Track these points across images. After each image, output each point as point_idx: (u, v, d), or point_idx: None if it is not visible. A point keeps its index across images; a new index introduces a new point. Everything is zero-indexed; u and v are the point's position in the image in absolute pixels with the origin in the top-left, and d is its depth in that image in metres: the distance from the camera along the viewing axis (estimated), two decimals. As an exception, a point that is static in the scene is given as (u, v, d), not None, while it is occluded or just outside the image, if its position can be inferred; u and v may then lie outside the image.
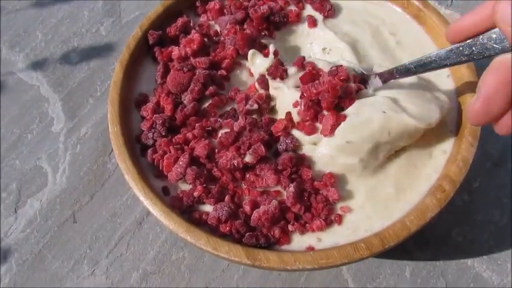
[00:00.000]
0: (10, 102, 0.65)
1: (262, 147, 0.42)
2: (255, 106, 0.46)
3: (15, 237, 0.55)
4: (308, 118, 0.44)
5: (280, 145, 0.45)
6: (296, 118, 0.45)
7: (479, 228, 0.52)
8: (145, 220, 0.55)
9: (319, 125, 0.44)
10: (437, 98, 0.44)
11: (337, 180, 0.43)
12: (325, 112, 0.44)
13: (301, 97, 0.45)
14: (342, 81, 0.42)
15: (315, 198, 0.42)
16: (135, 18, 0.72)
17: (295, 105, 0.45)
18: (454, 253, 0.51)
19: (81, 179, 0.58)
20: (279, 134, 0.45)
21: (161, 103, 0.47)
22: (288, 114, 0.46)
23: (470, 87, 0.45)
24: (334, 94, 0.42)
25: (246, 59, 0.50)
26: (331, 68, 0.44)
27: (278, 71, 0.46)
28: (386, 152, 0.43)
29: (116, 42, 0.70)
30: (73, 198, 0.57)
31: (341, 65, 0.45)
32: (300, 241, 0.40)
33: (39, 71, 0.68)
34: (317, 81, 0.43)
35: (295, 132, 0.45)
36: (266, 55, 0.49)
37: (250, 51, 0.48)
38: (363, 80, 0.45)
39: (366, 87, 0.45)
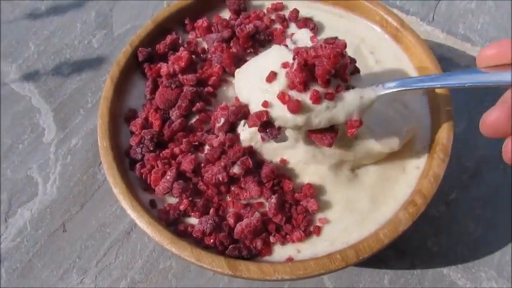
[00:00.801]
0: (2, 112, 0.67)
1: (249, 160, 0.44)
2: (222, 120, 0.47)
3: (5, 246, 0.56)
4: (298, 81, 0.39)
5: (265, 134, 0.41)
6: (282, 82, 0.40)
7: (454, 238, 0.54)
8: (134, 230, 0.56)
9: (305, 101, 0.39)
10: (406, 118, 0.47)
11: (316, 191, 0.45)
12: (317, 88, 0.39)
13: (294, 58, 0.40)
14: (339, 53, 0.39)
15: (296, 209, 0.44)
16: (127, 31, 0.74)
17: (285, 65, 0.41)
18: (430, 262, 0.53)
19: (71, 189, 0.60)
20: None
21: (150, 118, 0.49)
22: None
23: (444, 106, 0.47)
24: (335, 62, 0.38)
25: (232, 76, 0.52)
26: (326, 38, 0.41)
27: None
28: (350, 167, 0.46)
29: (107, 55, 0.72)
30: (63, 208, 0.58)
31: (336, 37, 0.42)
32: (280, 252, 0.42)
33: (31, 81, 0.70)
34: (316, 46, 0.39)
35: (278, 111, 0.40)
36: None
37: (237, 71, 0.50)
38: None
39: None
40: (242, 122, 0.47)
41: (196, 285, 0.52)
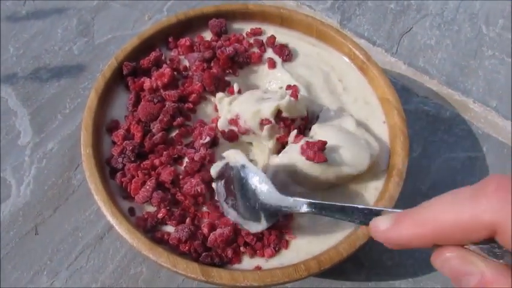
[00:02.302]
0: (-23, 113, 0.67)
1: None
2: (207, 139, 0.50)
3: (-25, 246, 0.56)
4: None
5: None
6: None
7: (406, 254, 0.58)
8: (107, 235, 0.58)
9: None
10: (370, 144, 0.52)
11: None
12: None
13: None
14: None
15: (269, 231, 0.47)
16: (108, 40, 0.76)
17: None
18: (384, 275, 0.57)
19: (45, 192, 0.61)
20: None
21: (131, 130, 0.51)
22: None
23: (400, 133, 0.53)
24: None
25: (212, 94, 0.56)
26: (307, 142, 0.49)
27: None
28: (325, 187, 0.51)
29: (87, 62, 0.73)
30: (36, 211, 0.59)
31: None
32: (249, 261, 0.46)
33: (8, 84, 0.70)
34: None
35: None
36: (230, 92, 0.55)
37: (218, 95, 0.54)
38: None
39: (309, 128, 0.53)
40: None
41: (165, 291, 0.55)
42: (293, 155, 0.48)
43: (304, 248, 0.47)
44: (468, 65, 0.76)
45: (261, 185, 0.43)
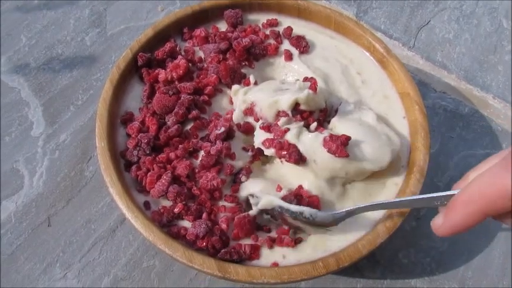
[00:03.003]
0: (-11, 103, 0.67)
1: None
2: (222, 129, 0.49)
3: (-12, 237, 0.56)
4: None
5: None
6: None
7: (423, 252, 0.58)
8: (119, 228, 0.57)
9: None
10: (390, 139, 0.50)
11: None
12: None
13: None
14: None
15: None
16: (121, 31, 0.75)
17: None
18: (399, 273, 0.56)
19: (58, 184, 0.60)
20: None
21: (146, 122, 0.50)
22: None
23: (421, 129, 0.52)
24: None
25: (227, 86, 0.55)
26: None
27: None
28: (342, 182, 0.50)
29: (100, 53, 0.72)
30: (49, 202, 0.59)
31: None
32: (267, 257, 0.45)
33: (21, 74, 0.70)
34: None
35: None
36: (246, 84, 0.54)
37: (234, 87, 0.52)
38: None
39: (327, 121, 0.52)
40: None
41: (178, 285, 0.54)
42: (315, 144, 0.47)
43: (321, 244, 0.46)
44: (487, 59, 0.75)
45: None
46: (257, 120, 0.51)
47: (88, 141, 0.64)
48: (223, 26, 0.61)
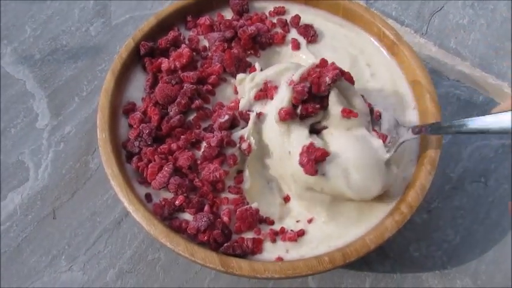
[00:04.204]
0: (-5, 95, 0.66)
1: None
2: (226, 117, 0.48)
3: (-6, 229, 0.56)
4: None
5: None
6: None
7: (434, 245, 0.56)
8: (124, 220, 0.57)
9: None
10: (390, 170, 0.46)
11: None
12: None
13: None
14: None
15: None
16: (125, 21, 0.74)
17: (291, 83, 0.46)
18: (410, 267, 0.55)
19: (63, 176, 0.60)
20: None
21: (148, 113, 0.49)
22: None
23: (432, 119, 0.50)
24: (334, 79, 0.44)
25: (232, 75, 0.53)
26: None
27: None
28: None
29: (104, 44, 0.72)
30: (54, 194, 0.59)
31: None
32: (271, 251, 0.44)
33: (26, 65, 0.69)
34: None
35: None
36: (252, 71, 0.53)
37: (239, 76, 0.51)
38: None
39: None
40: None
41: (183, 278, 0.53)
42: (300, 139, 0.44)
43: (324, 238, 0.45)
44: (503, 46, 0.72)
45: None
46: (272, 98, 0.49)
47: (93, 132, 0.63)
48: (228, 14, 0.59)
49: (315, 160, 0.42)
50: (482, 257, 0.55)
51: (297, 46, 0.56)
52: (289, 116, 0.44)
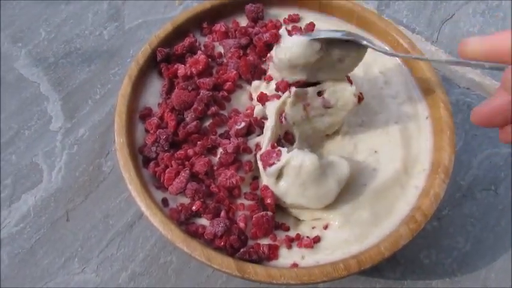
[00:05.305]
0: (9, 97, 0.67)
1: None
2: (243, 124, 0.49)
3: (8, 230, 0.57)
4: None
5: None
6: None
7: (444, 252, 0.56)
8: (137, 223, 0.57)
9: None
10: (337, 174, 0.47)
11: None
12: None
13: None
14: None
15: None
16: (138, 25, 0.75)
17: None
18: (420, 274, 0.55)
19: (76, 179, 0.60)
20: None
21: (165, 118, 0.50)
22: None
23: (446, 128, 0.50)
24: None
25: (247, 82, 0.54)
26: None
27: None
28: None
29: (118, 48, 0.72)
30: (67, 197, 0.59)
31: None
32: (286, 257, 0.44)
33: (40, 68, 0.70)
34: None
35: None
36: (267, 79, 0.53)
37: (254, 83, 0.52)
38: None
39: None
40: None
41: (195, 281, 0.54)
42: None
43: (339, 246, 0.45)
44: (514, 54, 0.72)
45: None
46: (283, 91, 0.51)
47: (106, 136, 0.64)
48: (243, 21, 0.60)
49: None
50: (492, 265, 0.56)
51: (310, 53, 0.57)
52: None
